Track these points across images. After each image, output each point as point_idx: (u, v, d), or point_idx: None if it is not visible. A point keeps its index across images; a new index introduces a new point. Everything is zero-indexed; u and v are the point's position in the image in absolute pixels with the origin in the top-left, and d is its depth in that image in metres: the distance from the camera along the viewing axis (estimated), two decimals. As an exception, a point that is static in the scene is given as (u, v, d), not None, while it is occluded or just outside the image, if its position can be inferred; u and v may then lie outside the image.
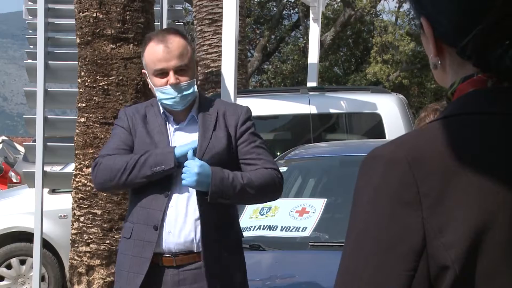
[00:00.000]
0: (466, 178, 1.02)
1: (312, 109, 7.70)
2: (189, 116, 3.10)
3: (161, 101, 3.03)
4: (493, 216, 1.01)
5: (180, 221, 2.97)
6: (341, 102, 7.91)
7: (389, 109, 7.64)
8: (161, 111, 3.08)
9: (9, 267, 7.63)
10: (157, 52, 3.00)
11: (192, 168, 2.89)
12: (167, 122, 3.09)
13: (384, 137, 7.45)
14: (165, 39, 3.02)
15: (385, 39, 22.39)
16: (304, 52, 21.09)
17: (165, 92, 3.00)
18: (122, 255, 3.07)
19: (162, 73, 3.00)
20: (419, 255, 1.01)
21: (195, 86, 3.06)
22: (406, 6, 24.14)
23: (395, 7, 24.42)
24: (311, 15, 11.49)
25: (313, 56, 11.25)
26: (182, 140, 3.06)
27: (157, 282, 2.97)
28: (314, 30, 11.35)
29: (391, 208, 1.04)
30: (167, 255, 2.97)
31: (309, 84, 10.78)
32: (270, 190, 3.08)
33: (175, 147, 2.99)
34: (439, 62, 1.15)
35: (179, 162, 2.95)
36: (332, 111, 7.95)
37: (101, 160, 3.03)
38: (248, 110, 3.21)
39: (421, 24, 1.15)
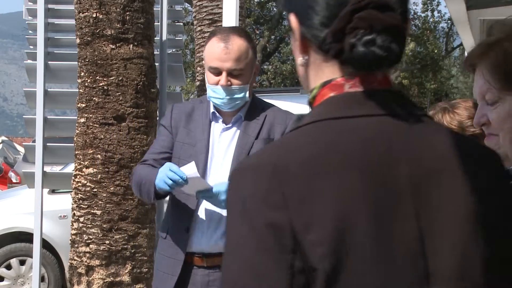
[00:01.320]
0: (326, 181, 1.09)
1: (312, 110, 7.71)
2: (236, 116, 3.05)
3: (210, 98, 3.02)
4: (354, 215, 1.08)
5: (213, 223, 2.97)
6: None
7: (389, 110, 7.66)
8: (211, 110, 3.05)
9: (9, 267, 7.63)
10: (215, 50, 2.96)
11: (219, 196, 2.85)
12: (213, 122, 3.04)
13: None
14: (228, 39, 2.97)
15: (385, 40, 22.41)
16: (304, 52, 21.08)
17: (215, 91, 2.96)
18: (160, 255, 3.10)
19: (216, 72, 2.96)
20: (294, 253, 1.07)
21: (247, 92, 3.01)
22: (406, 6, 24.24)
23: (395, 7, 24.46)
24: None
25: (313, 56, 11.26)
26: (226, 141, 3.02)
27: (188, 281, 2.99)
28: (314, 31, 11.37)
29: (261, 212, 1.09)
30: (198, 255, 2.98)
31: (309, 85, 10.79)
32: None
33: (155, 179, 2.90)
34: (306, 58, 1.21)
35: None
36: (332, 111, 7.96)
37: (136, 169, 3.06)
38: (297, 119, 3.12)
39: (289, 21, 1.22)
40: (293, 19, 1.21)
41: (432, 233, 1.12)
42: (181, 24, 6.36)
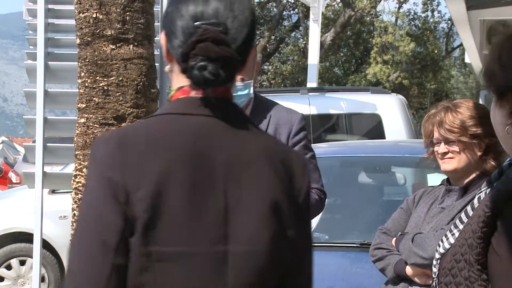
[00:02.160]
0: (155, 156, 1.50)
1: (312, 110, 7.70)
2: None
3: None
4: (168, 186, 1.48)
5: None
6: (341, 102, 7.92)
7: (389, 110, 7.64)
8: None
9: (9, 267, 7.64)
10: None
11: None
12: None
13: (384, 138, 7.45)
14: None
15: (385, 40, 22.40)
16: (304, 52, 21.09)
17: None
18: None
19: None
20: (125, 204, 1.47)
21: (251, 88, 2.96)
22: (406, 6, 24.16)
23: (395, 7, 24.42)
24: (311, 16, 11.50)
25: (313, 56, 11.25)
26: None
27: None
28: (314, 31, 11.35)
29: (105, 172, 1.50)
30: None
31: (309, 85, 10.79)
32: (314, 213, 3.11)
33: None
34: (169, 66, 1.64)
35: None
36: (332, 111, 7.95)
37: None
38: (302, 119, 3.10)
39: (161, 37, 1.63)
40: (162, 37, 1.64)
41: (236, 207, 1.52)
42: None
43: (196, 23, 1.56)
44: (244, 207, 1.53)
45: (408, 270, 2.98)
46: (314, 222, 4.25)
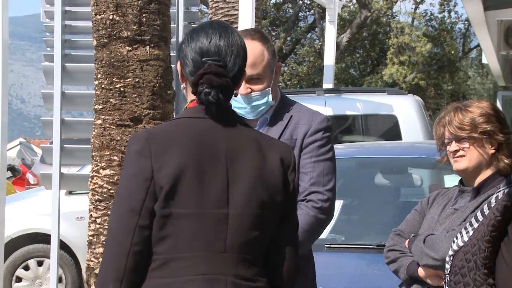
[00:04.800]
0: (174, 147, 2.11)
1: (328, 111, 7.68)
2: (262, 119, 2.96)
3: (234, 109, 2.93)
4: (184, 166, 2.10)
5: None
6: (357, 103, 7.90)
7: (406, 111, 7.61)
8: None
9: (27, 268, 7.67)
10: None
11: None
12: None
13: (401, 139, 7.42)
14: None
15: (402, 41, 22.32)
16: (320, 53, 21.06)
17: (236, 101, 2.84)
18: None
19: None
20: (150, 181, 2.10)
21: (269, 96, 2.90)
22: (422, 7, 24.08)
23: (412, 8, 24.34)
24: (327, 17, 11.48)
25: (329, 57, 11.24)
26: None
27: None
28: (330, 32, 11.34)
29: (138, 159, 2.12)
30: None
31: (325, 86, 10.77)
32: (315, 236, 2.95)
33: None
34: (183, 84, 2.29)
35: None
36: (348, 112, 7.94)
37: None
38: (323, 120, 2.97)
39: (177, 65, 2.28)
40: (178, 64, 2.26)
41: (234, 182, 2.13)
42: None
43: (203, 59, 2.17)
44: (240, 181, 2.13)
45: (420, 271, 2.97)
46: (331, 223, 4.24)
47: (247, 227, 2.13)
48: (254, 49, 2.83)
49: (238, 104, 2.87)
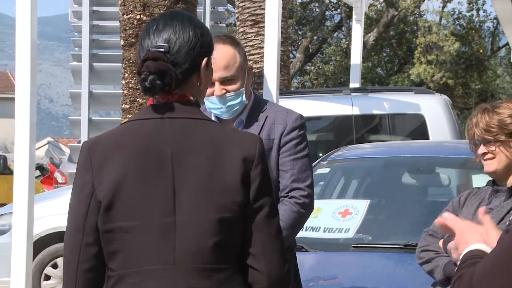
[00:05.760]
0: (115, 156, 1.99)
1: (355, 110, 7.66)
2: (238, 120, 3.08)
3: (210, 110, 3.04)
4: (124, 177, 1.97)
5: None
6: (384, 103, 7.86)
7: (433, 110, 7.57)
8: (213, 117, 3.06)
9: (55, 266, 7.74)
10: None
11: None
12: None
13: (428, 138, 7.38)
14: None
15: (429, 40, 22.18)
16: (347, 53, 21.00)
17: (212, 102, 3.00)
18: None
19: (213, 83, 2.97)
20: (91, 196, 2.00)
21: (243, 96, 3.03)
22: (450, 6, 23.91)
23: (439, 7, 24.18)
24: (354, 16, 11.44)
25: (356, 57, 11.19)
26: None
27: None
28: (357, 31, 11.30)
29: (79, 172, 2.04)
30: None
31: (352, 85, 10.73)
32: (298, 229, 3.09)
33: None
34: None
35: None
36: (375, 112, 7.90)
37: None
38: (297, 118, 3.12)
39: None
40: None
41: (182, 187, 1.97)
42: (224, 25, 6.39)
43: (149, 48, 2.05)
44: (188, 185, 1.98)
45: None
46: (357, 223, 4.23)
47: (199, 234, 1.96)
48: (226, 52, 3.01)
49: (213, 105, 3.01)
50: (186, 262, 1.96)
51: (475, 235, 1.76)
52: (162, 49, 2.03)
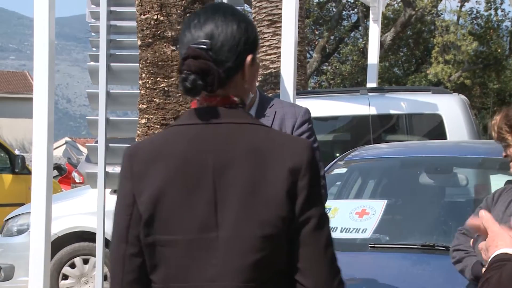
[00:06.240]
0: (156, 165, 1.88)
1: (372, 110, 7.64)
2: None
3: None
4: (165, 188, 1.86)
5: None
6: (401, 102, 7.84)
7: (451, 110, 7.53)
8: None
9: (73, 266, 7.77)
10: None
11: None
12: None
13: (445, 138, 7.35)
14: None
15: (447, 39, 22.08)
16: (364, 52, 20.95)
17: None
18: None
19: None
20: (132, 207, 1.89)
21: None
22: (468, 5, 23.80)
23: (457, 6, 24.06)
24: (371, 16, 11.41)
25: (373, 56, 11.17)
26: None
27: None
28: (374, 31, 11.27)
29: (121, 182, 1.93)
30: None
31: (369, 85, 10.71)
32: None
33: None
34: None
35: None
36: (392, 112, 7.88)
37: None
38: (306, 112, 3.20)
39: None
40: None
41: (224, 200, 1.84)
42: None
43: (190, 45, 1.90)
44: (231, 198, 1.84)
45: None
46: (374, 223, 4.22)
47: (242, 250, 1.84)
48: None
49: None
50: (228, 280, 1.85)
51: (505, 239, 1.77)
52: (203, 46, 1.88)
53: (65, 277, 7.77)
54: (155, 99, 4.51)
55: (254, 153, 1.86)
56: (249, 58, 1.94)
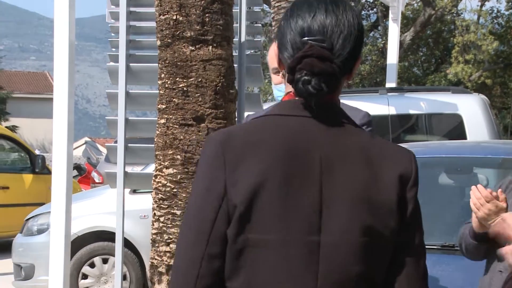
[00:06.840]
0: (254, 155, 1.64)
1: (391, 110, 7.62)
2: None
3: (277, 98, 3.08)
4: (265, 180, 1.62)
5: None
6: (421, 102, 7.81)
7: (471, 110, 7.49)
8: None
9: (92, 265, 7.80)
10: (273, 52, 3.09)
11: None
12: None
13: (465, 138, 7.31)
14: None
15: (467, 39, 21.95)
16: (383, 52, 20.87)
17: (280, 90, 3.03)
18: None
19: (278, 71, 3.05)
20: (222, 198, 1.64)
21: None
22: (488, 4, 23.65)
23: (477, 5, 23.91)
24: (390, 15, 11.37)
25: (392, 56, 11.13)
26: None
27: None
28: (394, 30, 11.23)
29: (208, 169, 1.68)
30: None
31: (388, 85, 10.67)
32: None
33: None
34: (282, 72, 1.79)
35: None
36: (411, 112, 7.85)
37: None
38: (365, 115, 3.23)
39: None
40: (274, 47, 1.88)
41: (329, 199, 1.63)
42: (260, 25, 6.38)
43: (303, 39, 1.69)
44: (338, 200, 1.64)
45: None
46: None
47: (346, 259, 1.63)
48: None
49: (281, 93, 3.03)
50: None
51: None
52: (325, 44, 1.67)
53: (85, 276, 7.80)
54: (174, 99, 4.52)
55: (362, 153, 1.68)
56: (359, 60, 1.77)
